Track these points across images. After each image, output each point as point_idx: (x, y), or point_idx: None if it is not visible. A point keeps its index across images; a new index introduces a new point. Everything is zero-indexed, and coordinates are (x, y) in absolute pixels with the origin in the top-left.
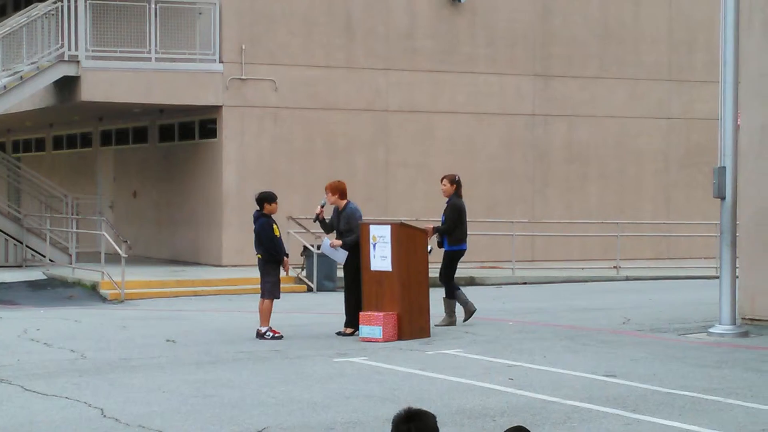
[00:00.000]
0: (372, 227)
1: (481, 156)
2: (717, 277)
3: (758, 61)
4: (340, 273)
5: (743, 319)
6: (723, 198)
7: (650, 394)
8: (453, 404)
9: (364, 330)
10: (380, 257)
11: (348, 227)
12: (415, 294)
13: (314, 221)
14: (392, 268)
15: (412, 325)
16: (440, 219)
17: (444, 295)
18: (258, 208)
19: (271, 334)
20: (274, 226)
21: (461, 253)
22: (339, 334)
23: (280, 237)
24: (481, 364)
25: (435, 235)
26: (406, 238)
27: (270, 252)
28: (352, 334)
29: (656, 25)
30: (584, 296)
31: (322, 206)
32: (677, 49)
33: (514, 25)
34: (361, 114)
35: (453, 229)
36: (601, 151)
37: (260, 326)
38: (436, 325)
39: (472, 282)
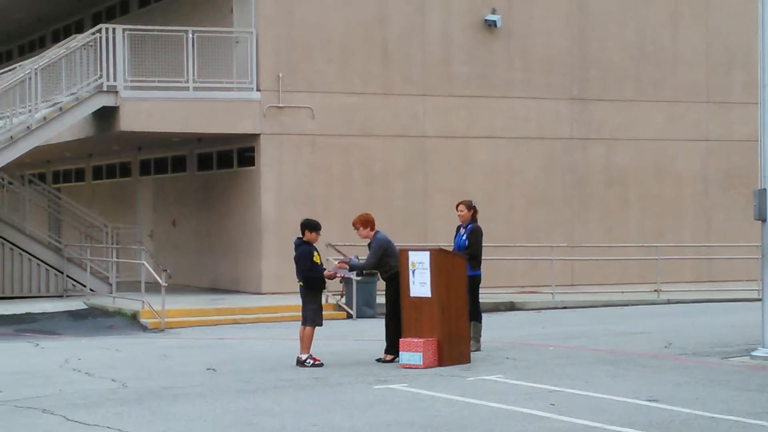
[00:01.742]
0: (411, 253)
1: (519, 180)
2: (759, 300)
3: None
4: (381, 300)
5: None
6: (764, 220)
7: (693, 419)
8: (494, 430)
9: (404, 356)
10: (419, 283)
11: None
12: (455, 320)
13: (341, 281)
14: (431, 294)
15: (451, 351)
16: (453, 245)
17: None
18: (301, 234)
19: (312, 362)
20: (315, 254)
21: (480, 277)
22: (379, 360)
23: (321, 264)
24: (522, 389)
25: None
26: (445, 263)
27: (309, 279)
28: (392, 360)
29: (693, 46)
30: (624, 320)
31: (341, 270)
32: (715, 70)
33: (550, 49)
34: (398, 140)
35: (478, 253)
36: (640, 174)
37: (300, 353)
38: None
39: (512, 307)
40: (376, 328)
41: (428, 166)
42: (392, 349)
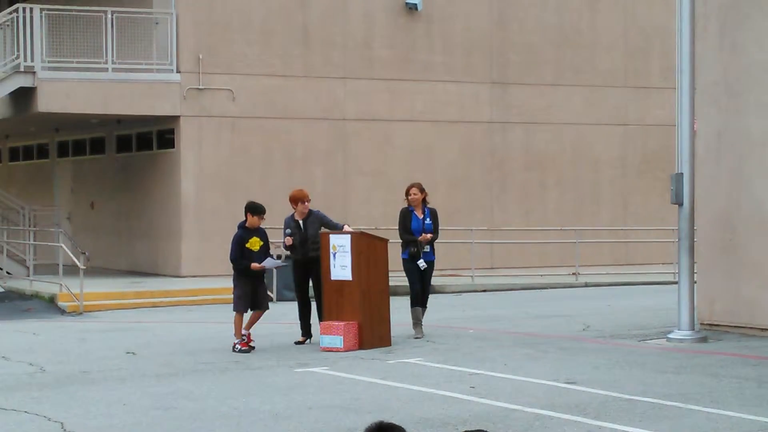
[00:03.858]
0: (332, 237)
1: (439, 164)
2: (675, 283)
3: (713, 68)
4: None
5: (702, 324)
6: (681, 204)
7: (611, 401)
8: (415, 413)
9: (325, 340)
10: (340, 266)
11: (326, 226)
12: (376, 303)
13: (286, 250)
14: (352, 277)
15: (372, 335)
16: (396, 227)
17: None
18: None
19: (239, 347)
20: (254, 239)
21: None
22: (297, 343)
23: (260, 250)
24: (443, 372)
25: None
26: (366, 247)
27: (232, 264)
28: (304, 342)
29: (612, 31)
30: (544, 303)
31: (290, 235)
32: (633, 55)
33: (470, 33)
34: (319, 123)
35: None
36: (559, 157)
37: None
38: (414, 338)
39: (432, 290)
40: (296, 310)
41: (349, 149)
42: (305, 330)
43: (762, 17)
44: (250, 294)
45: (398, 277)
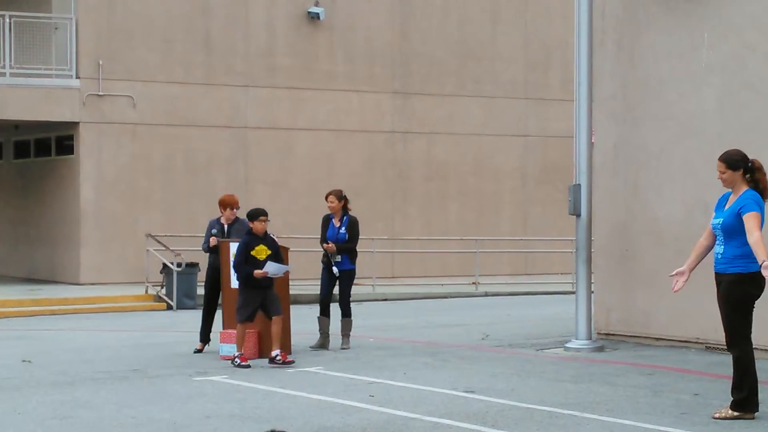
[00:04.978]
0: (233, 245)
1: (341, 173)
2: (573, 293)
3: (611, 80)
4: (201, 291)
5: (599, 333)
6: (578, 215)
7: (508, 410)
8: (314, 422)
9: (225, 348)
10: None
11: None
12: None
13: (207, 251)
14: None
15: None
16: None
17: (343, 316)
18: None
19: (239, 361)
20: (260, 247)
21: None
22: (196, 351)
23: (266, 259)
24: (342, 381)
25: (335, 254)
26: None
27: (235, 272)
28: (203, 349)
29: (513, 44)
30: (444, 312)
31: (216, 235)
32: (533, 67)
33: (372, 43)
34: (221, 131)
35: (356, 245)
36: (460, 168)
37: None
38: (342, 348)
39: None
40: (197, 319)
41: (250, 158)
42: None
43: (658, 32)
44: (258, 303)
45: (301, 286)
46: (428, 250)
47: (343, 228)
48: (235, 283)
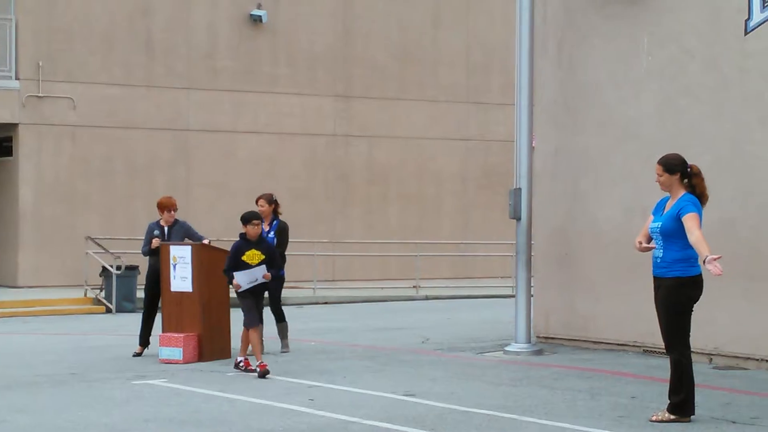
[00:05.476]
0: (172, 248)
1: (283, 176)
2: (513, 296)
3: (552, 85)
4: (141, 294)
5: (538, 337)
6: (518, 219)
7: (448, 413)
8: (253, 426)
9: (164, 351)
10: (181, 278)
11: (190, 237)
12: (216, 315)
13: (146, 255)
14: (193, 288)
15: (213, 346)
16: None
17: (277, 321)
18: None
19: (244, 366)
20: (251, 251)
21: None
22: (135, 355)
23: (259, 265)
24: (282, 385)
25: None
26: (207, 258)
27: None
28: (142, 352)
29: (454, 48)
30: (384, 316)
31: (157, 236)
32: (475, 72)
33: (315, 47)
34: (162, 133)
35: (284, 251)
36: (401, 172)
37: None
38: (282, 352)
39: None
40: (136, 322)
41: (191, 160)
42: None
43: (598, 38)
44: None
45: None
46: (369, 253)
47: (272, 232)
48: (175, 286)
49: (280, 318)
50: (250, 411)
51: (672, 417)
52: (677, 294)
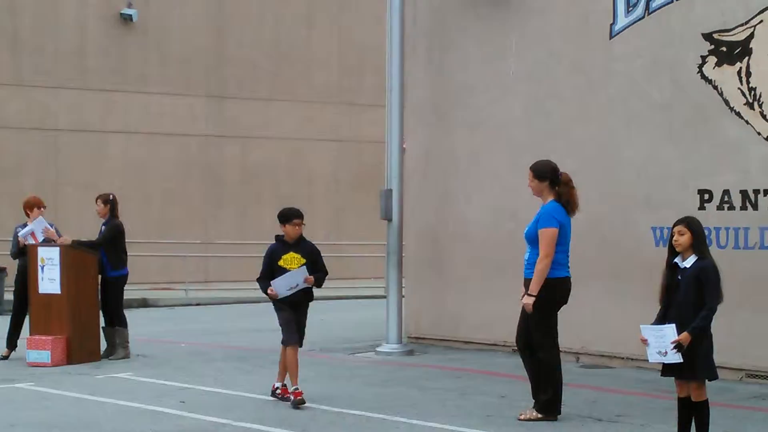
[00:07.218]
0: (41, 249)
1: (154, 176)
2: (385, 297)
3: (422, 87)
4: (9, 296)
5: (409, 337)
6: (389, 220)
7: (320, 414)
8: (123, 429)
9: (32, 355)
10: (49, 280)
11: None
12: (86, 317)
13: (15, 257)
14: (61, 291)
15: (82, 349)
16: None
17: (115, 326)
18: None
19: (281, 394)
20: (289, 255)
21: (126, 278)
22: (2, 358)
23: (295, 269)
24: (153, 387)
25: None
26: (75, 260)
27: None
28: (8, 355)
29: (327, 48)
30: (257, 317)
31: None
32: (347, 72)
33: (187, 46)
34: (30, 132)
35: (110, 249)
36: (275, 173)
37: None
38: (110, 359)
39: (144, 304)
40: (4, 324)
41: (61, 160)
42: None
43: (468, 39)
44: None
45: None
46: (243, 254)
47: (103, 227)
48: (43, 288)
49: (119, 323)
50: (120, 414)
51: (539, 416)
52: (542, 295)
